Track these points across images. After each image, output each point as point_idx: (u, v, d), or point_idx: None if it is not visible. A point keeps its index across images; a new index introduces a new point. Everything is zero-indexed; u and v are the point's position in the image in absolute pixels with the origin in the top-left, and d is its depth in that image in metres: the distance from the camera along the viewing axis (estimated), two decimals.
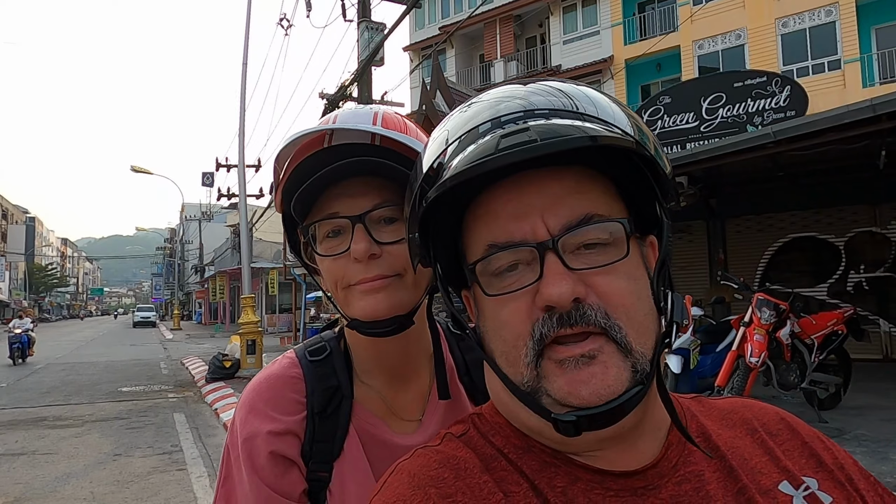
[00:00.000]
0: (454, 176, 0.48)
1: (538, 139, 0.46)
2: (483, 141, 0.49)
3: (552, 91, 0.53)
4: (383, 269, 0.74)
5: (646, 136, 0.52)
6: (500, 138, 0.48)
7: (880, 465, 4.30)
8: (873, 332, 8.84)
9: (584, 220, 0.50)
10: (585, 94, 0.53)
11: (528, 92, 0.53)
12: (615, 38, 19.80)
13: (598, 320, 0.48)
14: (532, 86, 0.54)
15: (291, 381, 0.80)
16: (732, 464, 0.55)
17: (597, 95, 0.54)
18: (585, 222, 0.50)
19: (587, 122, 0.49)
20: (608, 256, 0.50)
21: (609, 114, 0.52)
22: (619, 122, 0.51)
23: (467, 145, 0.50)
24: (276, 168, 0.79)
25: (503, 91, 0.55)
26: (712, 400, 0.64)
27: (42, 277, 77.61)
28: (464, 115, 0.54)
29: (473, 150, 0.49)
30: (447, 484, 0.52)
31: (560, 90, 0.53)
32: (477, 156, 0.47)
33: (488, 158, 0.46)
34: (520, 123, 0.49)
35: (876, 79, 15.29)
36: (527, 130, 0.48)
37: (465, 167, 0.47)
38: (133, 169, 29.99)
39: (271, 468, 0.75)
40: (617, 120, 0.51)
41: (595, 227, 0.50)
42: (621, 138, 0.49)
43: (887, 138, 5.94)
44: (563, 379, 0.48)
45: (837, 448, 0.60)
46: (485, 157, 0.47)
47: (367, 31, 10.07)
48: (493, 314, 0.52)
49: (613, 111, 0.52)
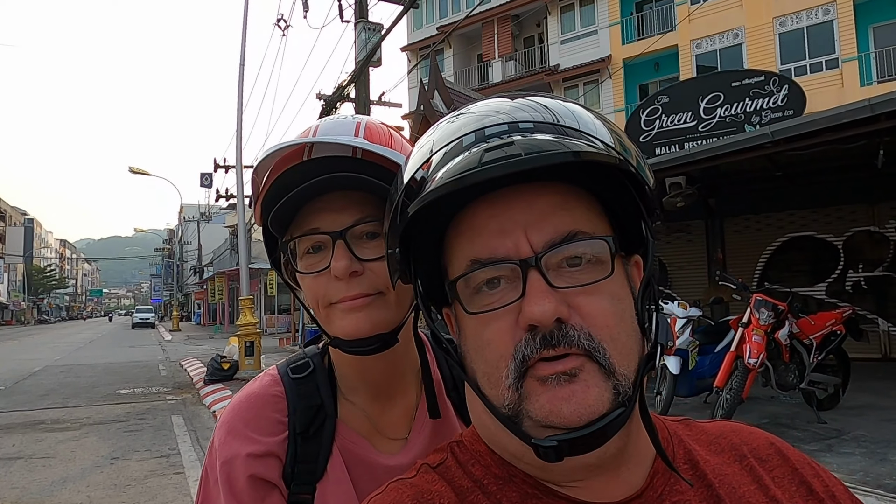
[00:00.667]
0: (435, 189, 0.47)
1: (522, 153, 0.45)
2: (466, 154, 0.48)
3: (537, 107, 0.52)
4: (365, 287, 0.72)
5: (628, 151, 0.52)
6: (483, 152, 0.47)
7: (879, 466, 4.29)
8: (872, 332, 8.84)
9: (569, 237, 0.49)
10: (570, 109, 0.53)
11: (514, 107, 0.52)
12: (613, 38, 19.79)
13: (581, 342, 0.47)
14: (518, 101, 0.53)
15: (273, 399, 0.78)
16: (720, 493, 0.53)
17: (580, 111, 0.53)
18: (569, 239, 0.49)
19: (571, 138, 0.49)
20: (592, 275, 0.49)
21: (592, 129, 0.51)
22: (603, 137, 0.50)
23: (451, 158, 0.49)
24: (256, 180, 0.77)
25: (490, 105, 0.54)
26: (701, 423, 0.63)
27: (41, 279, 77.62)
28: (451, 126, 0.53)
29: (456, 164, 0.48)
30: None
31: (545, 106, 0.52)
32: (459, 170, 0.47)
33: (470, 172, 0.45)
34: (504, 137, 0.48)
35: (874, 77, 15.29)
36: (511, 145, 0.47)
37: (447, 181, 0.46)
38: (131, 170, 29.99)
39: (250, 492, 0.73)
40: (600, 135, 0.50)
41: (579, 245, 0.49)
42: (605, 154, 0.48)
43: (885, 137, 5.94)
44: (545, 397, 0.47)
45: (828, 474, 0.59)
46: (467, 171, 0.46)
47: (365, 31, 10.06)
48: (474, 333, 0.51)
49: (596, 127, 0.52)
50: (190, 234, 49.22)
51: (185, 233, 54.93)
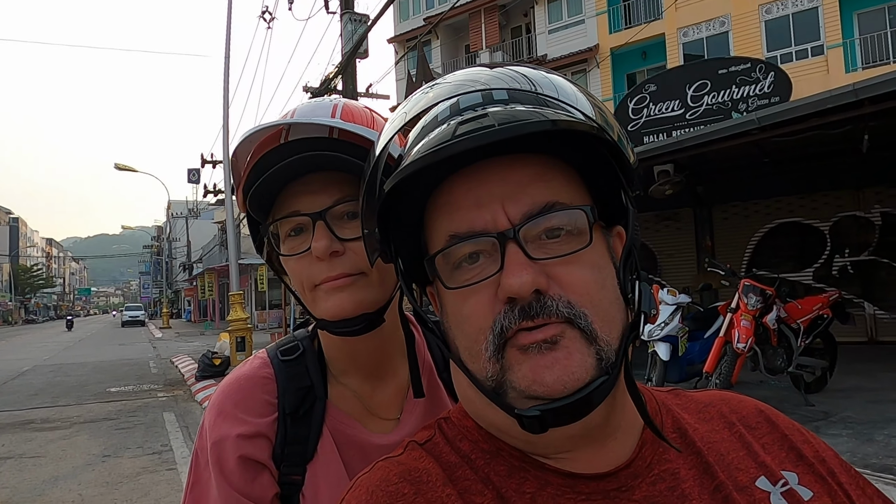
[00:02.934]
0: (410, 164, 0.46)
1: (496, 125, 0.44)
2: (441, 128, 0.47)
3: (516, 76, 0.51)
4: (347, 267, 0.72)
5: (610, 124, 0.51)
6: (457, 125, 0.46)
7: (866, 446, 4.36)
8: (858, 316, 8.95)
9: (546, 208, 0.48)
10: (549, 79, 0.52)
11: (491, 77, 0.51)
12: (600, 27, 19.78)
13: (560, 311, 0.46)
14: (497, 70, 0.52)
15: (262, 381, 0.78)
16: (709, 460, 0.53)
17: (562, 82, 0.52)
18: (547, 210, 0.48)
19: (548, 108, 0.48)
20: (571, 246, 0.48)
21: (573, 100, 0.50)
22: (582, 107, 0.50)
23: (427, 133, 0.48)
24: (236, 166, 0.77)
25: (466, 74, 0.53)
26: (690, 393, 0.63)
27: (27, 279, 76.72)
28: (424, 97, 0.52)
29: (431, 138, 0.47)
30: (407, 500, 0.50)
31: (524, 76, 0.51)
32: (433, 143, 0.46)
33: (444, 145, 0.45)
34: (478, 110, 0.47)
35: (859, 64, 15.40)
36: (485, 116, 0.46)
37: (421, 155, 0.46)
38: (117, 167, 29.64)
39: (241, 473, 0.73)
40: (581, 106, 0.50)
41: (557, 216, 0.48)
42: (583, 122, 0.47)
43: (870, 122, 5.98)
44: (527, 365, 0.46)
45: (818, 441, 0.59)
46: (441, 145, 0.45)
47: (351, 22, 9.96)
48: (454, 308, 0.51)
49: (577, 97, 0.51)
50: (178, 230, 48.81)
51: (173, 229, 54.46)
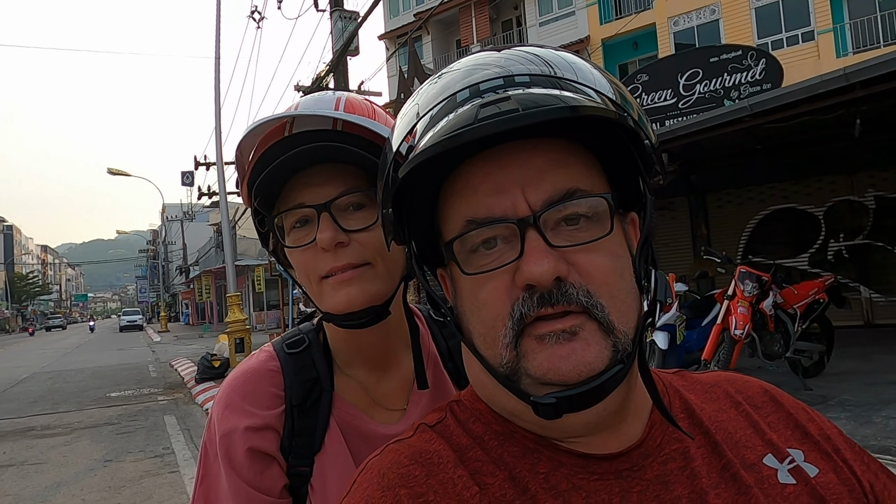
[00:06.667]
0: (429, 148, 0.45)
1: (520, 109, 0.44)
2: (461, 111, 0.46)
3: (532, 58, 0.50)
4: (352, 258, 0.72)
5: (629, 104, 0.50)
6: (479, 108, 0.45)
7: (864, 428, 4.39)
8: (854, 299, 8.99)
9: (567, 194, 0.48)
10: (567, 60, 0.51)
11: (505, 59, 0.50)
12: (591, 18, 19.74)
13: (579, 299, 0.46)
14: (508, 52, 0.51)
15: (269, 374, 0.78)
16: (717, 439, 0.54)
17: (577, 60, 0.51)
18: (568, 197, 0.48)
19: (567, 91, 0.47)
20: (591, 233, 0.48)
21: (591, 81, 0.49)
22: (602, 89, 0.49)
23: (444, 115, 0.47)
24: (240, 160, 0.77)
25: (477, 59, 0.52)
26: (695, 374, 0.63)
27: (23, 286, 76.36)
28: (436, 86, 0.51)
29: (451, 121, 0.46)
30: (418, 482, 0.50)
31: (538, 56, 0.50)
32: (454, 126, 0.45)
33: (467, 129, 0.44)
34: (500, 92, 0.47)
35: (849, 48, 15.42)
36: (507, 100, 0.45)
37: (442, 138, 0.45)
38: (110, 171, 29.45)
39: (250, 465, 0.73)
40: (600, 87, 0.49)
41: (578, 203, 0.48)
42: (604, 109, 0.46)
43: (861, 106, 6.00)
44: (543, 355, 0.46)
45: (822, 418, 0.60)
46: (463, 128, 0.44)
47: (341, 20, 9.92)
48: (470, 294, 0.50)
49: (595, 78, 0.50)
50: (174, 233, 48.65)
51: (168, 233, 54.28)
